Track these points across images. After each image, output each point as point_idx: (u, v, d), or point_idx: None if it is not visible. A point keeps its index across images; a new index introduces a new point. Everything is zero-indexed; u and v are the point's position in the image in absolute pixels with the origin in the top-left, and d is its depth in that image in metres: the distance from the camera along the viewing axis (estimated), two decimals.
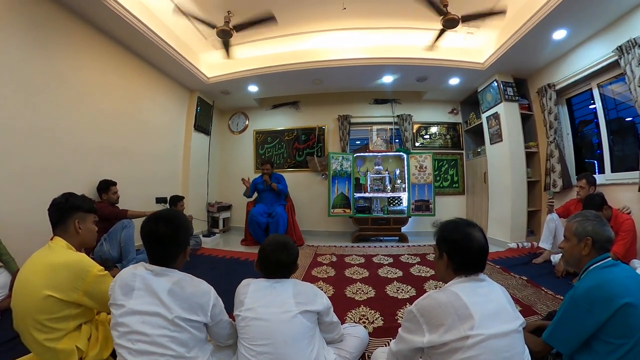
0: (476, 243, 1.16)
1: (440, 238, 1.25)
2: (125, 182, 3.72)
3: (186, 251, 1.35)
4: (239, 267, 3.62)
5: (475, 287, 1.11)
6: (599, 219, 1.35)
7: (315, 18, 4.18)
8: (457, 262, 1.17)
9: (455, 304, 1.05)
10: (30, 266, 1.36)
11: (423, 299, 1.14)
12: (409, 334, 1.14)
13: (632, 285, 1.16)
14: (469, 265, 1.16)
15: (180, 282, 1.23)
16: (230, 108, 6.67)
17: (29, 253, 1.44)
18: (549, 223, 3.54)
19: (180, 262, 1.33)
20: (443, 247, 1.22)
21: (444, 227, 1.27)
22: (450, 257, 1.19)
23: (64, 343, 1.30)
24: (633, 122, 3.53)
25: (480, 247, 1.16)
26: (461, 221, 1.25)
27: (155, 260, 1.27)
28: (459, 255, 1.17)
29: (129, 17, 3.38)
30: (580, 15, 3.27)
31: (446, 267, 1.20)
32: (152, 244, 1.27)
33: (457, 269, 1.18)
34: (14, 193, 2.67)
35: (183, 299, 1.19)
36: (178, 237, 1.29)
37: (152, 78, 4.57)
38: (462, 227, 1.21)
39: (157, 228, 1.26)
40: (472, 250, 1.16)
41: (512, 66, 4.54)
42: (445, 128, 6.21)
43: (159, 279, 1.21)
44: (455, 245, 1.18)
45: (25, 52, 2.78)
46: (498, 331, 1.02)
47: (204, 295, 1.27)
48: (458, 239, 1.18)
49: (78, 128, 3.32)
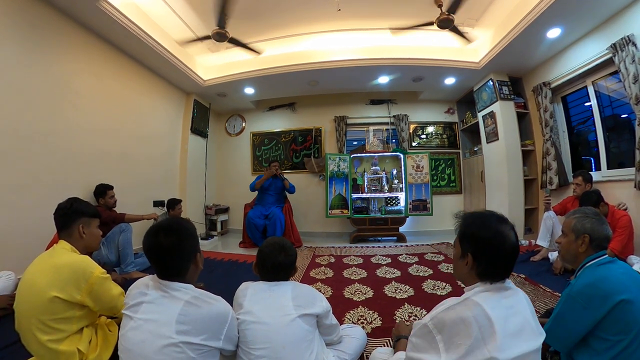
0: (509, 244, 0.98)
1: (465, 234, 1.06)
2: (122, 186, 3.70)
3: (197, 260, 1.23)
4: (237, 269, 3.61)
5: (500, 298, 0.96)
6: (598, 216, 1.34)
7: (311, 19, 4.19)
8: (484, 266, 1.00)
9: (480, 320, 0.88)
10: (35, 267, 1.39)
11: (441, 311, 0.95)
12: (419, 353, 0.96)
13: (629, 281, 1.16)
14: (498, 271, 1.00)
15: (197, 300, 1.13)
16: (226, 110, 6.66)
17: (27, 258, 1.45)
18: (546, 221, 3.55)
19: (192, 275, 1.23)
20: (468, 245, 1.04)
21: (471, 221, 1.07)
22: (476, 259, 1.01)
23: (66, 345, 1.32)
24: (628, 118, 3.55)
25: (513, 249, 0.99)
26: (491, 215, 1.05)
27: (163, 275, 1.17)
28: (488, 259, 0.99)
29: (125, 21, 3.38)
30: (574, 13, 3.29)
31: (470, 269, 1.02)
32: (157, 258, 1.17)
33: (482, 273, 1.00)
34: (10, 198, 2.66)
35: (197, 320, 1.10)
36: (183, 247, 1.18)
37: (148, 81, 4.56)
38: (493, 222, 1.02)
39: (158, 240, 1.15)
40: (504, 253, 0.98)
41: (508, 65, 4.56)
42: (441, 127, 6.23)
43: (173, 295, 1.12)
44: (485, 246, 1.00)
45: (22, 57, 2.77)
46: (521, 352, 0.87)
47: (222, 316, 1.17)
48: (488, 238, 1.00)
49: (74, 132, 3.30)
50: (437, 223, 5.58)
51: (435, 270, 3.37)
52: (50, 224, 1.53)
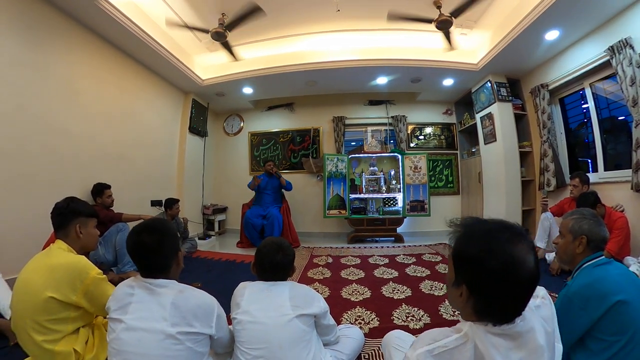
0: (526, 275, 0.67)
1: (461, 256, 0.74)
2: (119, 186, 3.68)
3: (178, 258, 1.28)
4: (235, 269, 3.61)
5: (509, 349, 0.68)
6: (596, 218, 1.35)
7: (310, 20, 4.18)
8: (484, 304, 0.71)
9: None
10: (31, 267, 1.38)
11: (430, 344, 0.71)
12: None
13: (625, 282, 1.17)
14: (503, 311, 0.70)
15: (184, 293, 1.17)
16: (225, 110, 6.64)
17: (23, 259, 1.44)
18: (543, 222, 3.56)
19: (174, 272, 1.26)
20: (463, 272, 0.73)
21: (471, 239, 0.74)
22: (474, 293, 0.71)
23: (62, 345, 1.31)
24: (625, 120, 3.56)
25: (530, 279, 0.68)
26: (501, 228, 0.73)
27: (147, 273, 1.20)
28: (491, 296, 0.69)
29: (124, 20, 3.36)
30: (573, 15, 3.30)
31: (465, 301, 0.73)
32: (139, 256, 1.21)
33: (481, 311, 0.71)
34: (7, 198, 2.64)
35: (187, 311, 1.13)
36: (165, 245, 1.22)
37: (146, 80, 4.54)
38: (504, 242, 0.69)
39: (140, 239, 1.19)
40: (516, 287, 0.68)
41: (506, 67, 4.57)
42: (439, 128, 6.24)
43: (160, 292, 1.15)
44: (488, 280, 0.68)
45: (20, 55, 2.75)
46: None
47: (209, 306, 1.21)
48: (494, 269, 0.67)
49: (71, 131, 3.28)
50: (435, 224, 5.58)
51: (433, 270, 3.38)
52: (48, 224, 1.52)
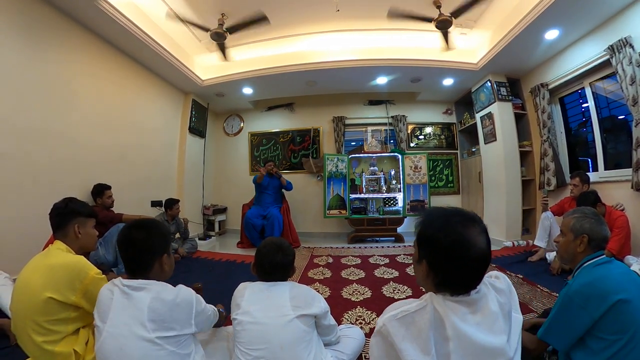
0: (475, 253, 0.79)
1: (421, 236, 0.88)
2: (119, 186, 3.68)
3: (162, 260, 1.25)
4: (236, 269, 3.60)
5: (465, 313, 0.80)
6: (597, 217, 1.34)
7: (309, 20, 4.19)
8: (441, 277, 0.83)
9: (439, 329, 0.78)
10: (30, 268, 1.38)
11: (394, 310, 0.86)
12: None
13: (626, 281, 1.16)
14: (458, 284, 0.83)
15: (160, 293, 1.14)
16: (224, 110, 6.64)
17: (24, 259, 1.44)
18: (543, 221, 3.56)
19: (157, 273, 1.24)
20: (423, 250, 0.87)
21: (429, 221, 0.88)
22: (432, 268, 0.84)
23: (62, 346, 1.31)
24: (625, 119, 3.56)
25: (481, 258, 0.80)
26: (455, 213, 0.86)
27: (129, 269, 1.21)
28: (445, 269, 0.82)
29: (123, 20, 3.37)
30: (573, 15, 3.30)
31: (426, 276, 0.86)
32: (125, 251, 1.22)
33: (440, 284, 0.84)
34: (8, 198, 2.64)
35: (165, 313, 1.12)
36: (150, 243, 1.22)
37: (146, 81, 4.54)
38: (455, 224, 0.82)
39: (129, 234, 1.22)
40: (467, 263, 0.80)
41: (505, 66, 4.57)
42: (439, 128, 6.24)
43: (137, 295, 1.13)
44: (442, 255, 0.82)
45: (19, 55, 2.75)
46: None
47: (187, 303, 1.20)
48: (447, 245, 0.80)
49: (71, 131, 3.28)
50: None
51: None
52: (48, 224, 1.51)
